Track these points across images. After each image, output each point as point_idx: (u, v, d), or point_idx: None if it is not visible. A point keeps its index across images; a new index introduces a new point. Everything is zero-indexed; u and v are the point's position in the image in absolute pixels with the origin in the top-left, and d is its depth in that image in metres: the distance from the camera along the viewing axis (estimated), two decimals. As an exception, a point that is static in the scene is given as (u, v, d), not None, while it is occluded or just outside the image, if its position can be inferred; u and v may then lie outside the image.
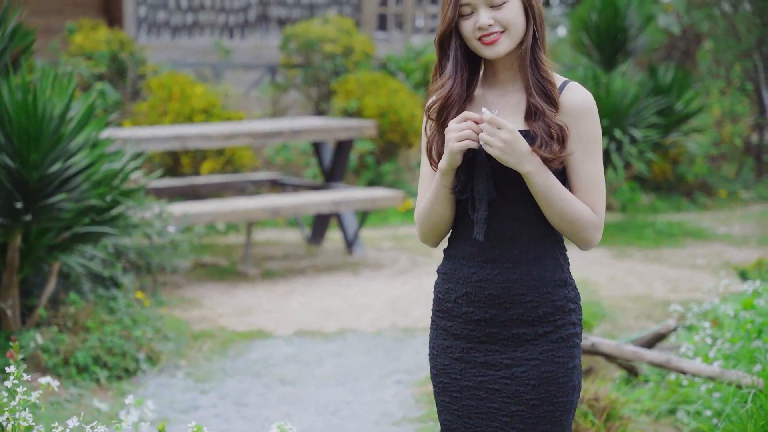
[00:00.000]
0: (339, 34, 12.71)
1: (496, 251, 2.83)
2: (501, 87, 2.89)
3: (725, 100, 13.16)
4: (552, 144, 2.76)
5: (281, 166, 11.96)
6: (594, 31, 10.62)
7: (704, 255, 9.54)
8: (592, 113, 2.82)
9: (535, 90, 2.79)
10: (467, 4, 2.78)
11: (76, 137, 5.73)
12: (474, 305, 2.86)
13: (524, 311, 2.83)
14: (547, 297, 2.83)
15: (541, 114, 2.77)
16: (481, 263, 2.85)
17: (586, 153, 2.81)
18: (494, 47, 2.79)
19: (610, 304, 7.75)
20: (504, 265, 2.83)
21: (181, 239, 7.61)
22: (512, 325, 2.84)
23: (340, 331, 7.10)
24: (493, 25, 2.77)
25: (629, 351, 4.68)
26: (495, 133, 2.71)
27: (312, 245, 9.97)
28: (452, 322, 2.91)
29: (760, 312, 5.19)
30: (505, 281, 2.83)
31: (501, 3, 2.77)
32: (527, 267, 2.82)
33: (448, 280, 2.92)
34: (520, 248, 2.82)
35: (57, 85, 5.69)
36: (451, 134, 2.74)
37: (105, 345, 5.97)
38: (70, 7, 13.58)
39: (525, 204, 2.81)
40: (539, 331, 2.83)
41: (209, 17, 13.91)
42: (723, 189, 12.95)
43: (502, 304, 2.83)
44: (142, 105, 11.09)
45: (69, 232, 6.01)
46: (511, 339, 2.84)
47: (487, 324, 2.85)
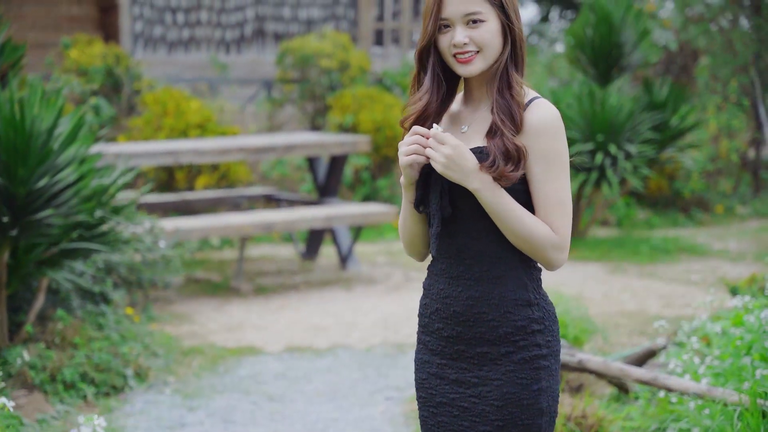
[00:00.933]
0: (335, 50, 12.71)
1: (461, 269, 2.83)
2: (474, 104, 2.89)
3: (722, 116, 13.15)
4: (503, 163, 2.73)
5: (276, 181, 11.95)
6: (589, 46, 10.61)
7: (699, 271, 9.51)
8: (551, 131, 2.77)
9: (500, 110, 2.77)
10: (446, 19, 2.78)
11: (63, 153, 5.70)
12: (443, 321, 2.87)
13: (486, 330, 2.81)
14: (507, 317, 2.80)
15: (500, 133, 2.75)
16: (449, 279, 2.86)
17: (546, 172, 2.77)
18: (468, 66, 2.79)
19: (604, 320, 7.71)
20: (467, 282, 2.82)
21: (173, 255, 7.58)
22: (476, 344, 2.83)
23: (331, 348, 7.07)
24: (468, 44, 2.77)
25: (616, 368, 4.65)
26: (438, 149, 2.71)
27: (306, 261, 9.94)
28: (429, 337, 2.92)
29: (750, 328, 5.15)
30: (468, 299, 2.82)
31: (477, 21, 2.76)
32: (489, 285, 2.81)
33: (426, 296, 2.94)
34: (482, 266, 2.81)
35: (44, 100, 5.67)
36: (401, 149, 2.76)
37: (92, 361, 5.93)
38: (67, 23, 13.60)
39: (485, 222, 2.79)
40: (501, 351, 2.81)
41: (206, 32, 13.91)
42: (720, 205, 12.92)
43: (465, 322, 2.83)
44: (136, 120, 11.08)
45: (57, 247, 5.99)
46: (476, 357, 2.84)
47: (455, 341, 2.86)
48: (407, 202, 2.86)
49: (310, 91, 12.70)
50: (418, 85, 2.88)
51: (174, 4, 13.76)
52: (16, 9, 13.37)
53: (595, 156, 10.21)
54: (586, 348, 6.37)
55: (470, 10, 2.75)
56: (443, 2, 2.76)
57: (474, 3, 2.75)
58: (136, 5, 13.52)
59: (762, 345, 5.02)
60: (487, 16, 2.76)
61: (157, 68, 13.27)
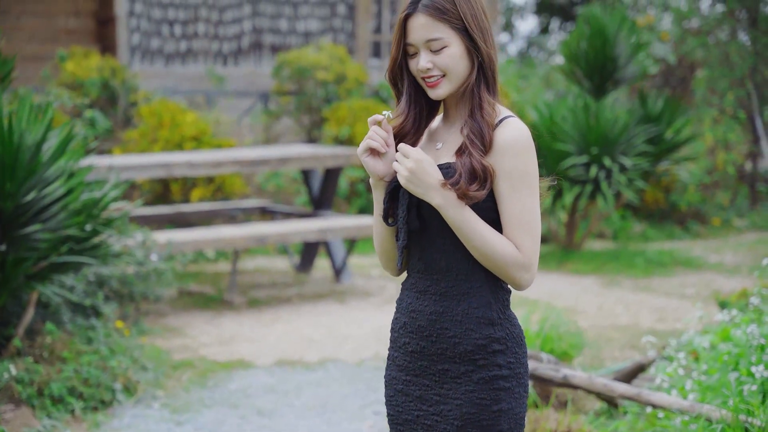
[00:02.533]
0: (332, 62, 12.72)
1: (427, 283, 2.85)
2: (450, 122, 2.92)
3: (718, 129, 13.15)
4: (467, 182, 2.73)
5: (272, 193, 11.95)
6: (583, 59, 10.61)
7: (694, 284, 9.49)
8: (516, 150, 2.76)
9: (470, 130, 2.79)
10: (411, 45, 2.82)
11: (51, 167, 5.70)
12: (409, 336, 2.89)
13: (448, 346, 2.81)
14: (469, 334, 2.79)
15: (468, 152, 2.76)
16: (417, 294, 2.88)
17: (513, 190, 2.76)
18: (435, 90, 2.83)
19: (597, 334, 7.71)
20: (432, 297, 2.84)
21: (165, 267, 7.57)
22: (438, 360, 2.83)
23: (322, 361, 7.05)
24: (432, 69, 2.79)
25: (600, 383, 4.63)
26: (402, 162, 2.74)
27: (300, 273, 9.93)
28: (397, 352, 2.94)
29: (737, 343, 5.14)
30: (432, 313, 2.83)
31: (439, 48, 2.78)
32: (454, 301, 2.81)
33: (397, 310, 2.97)
34: (449, 282, 2.82)
35: (33, 114, 5.67)
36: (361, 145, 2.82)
37: (81, 375, 5.92)
38: (65, 35, 13.62)
39: (454, 238, 2.80)
40: (461, 369, 2.80)
41: (203, 45, 13.93)
42: (717, 217, 12.91)
43: (429, 337, 2.84)
44: (132, 132, 11.09)
45: (46, 261, 5.98)
46: (438, 374, 2.84)
47: (419, 356, 2.87)
48: (376, 215, 2.88)
49: (307, 104, 12.71)
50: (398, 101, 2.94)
51: (171, 16, 13.78)
52: (13, 21, 13.40)
53: (589, 169, 10.20)
54: (577, 362, 6.36)
55: (431, 37, 2.78)
56: (407, 29, 2.80)
57: (435, 29, 2.77)
58: (133, 18, 13.55)
59: (749, 360, 5.01)
60: (450, 41, 2.78)
61: (154, 80, 13.29)
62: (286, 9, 14.35)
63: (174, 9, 13.78)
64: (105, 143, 11.35)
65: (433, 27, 2.76)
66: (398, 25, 2.80)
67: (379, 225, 2.90)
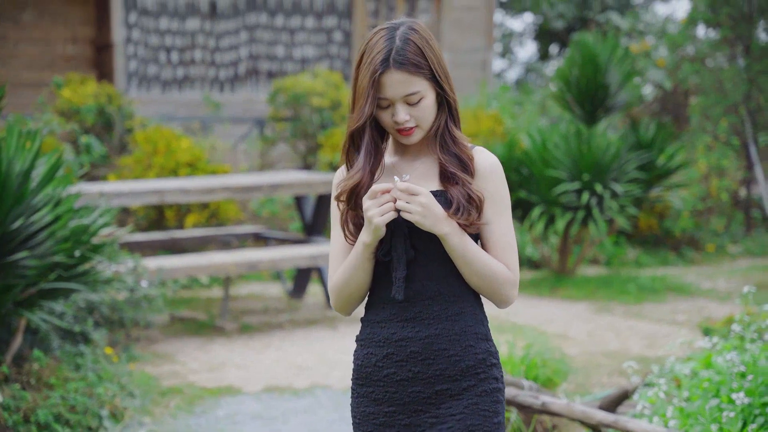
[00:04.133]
0: (327, 88, 12.79)
1: (417, 309, 2.89)
2: (411, 155, 2.98)
3: (712, 155, 13.19)
4: (469, 211, 2.84)
5: (267, 219, 11.99)
6: (575, 87, 10.67)
7: (685, 311, 9.51)
8: (498, 174, 2.92)
9: (450, 164, 2.89)
10: (385, 99, 2.85)
11: (38, 194, 5.75)
12: (396, 365, 2.90)
13: (447, 366, 2.87)
14: (469, 350, 2.88)
15: (462, 182, 2.86)
16: (402, 323, 2.90)
17: (496, 213, 2.90)
18: (410, 137, 2.90)
19: (586, 360, 7.73)
20: (424, 321, 2.88)
21: (155, 294, 7.60)
22: (436, 382, 2.87)
23: (310, 388, 7.07)
24: (408, 120, 2.85)
25: (579, 411, 4.65)
26: (412, 200, 2.78)
27: (293, 299, 9.96)
28: (373, 387, 2.94)
29: (719, 370, 5.16)
30: (427, 337, 2.87)
31: (417, 101, 2.85)
32: (448, 323, 2.88)
33: (366, 346, 2.97)
34: (440, 305, 2.89)
35: (21, 142, 5.72)
36: (372, 211, 2.80)
37: (67, 402, 5.94)
38: (62, 62, 13.72)
39: (443, 263, 2.88)
40: (463, 385, 2.87)
41: (199, 71, 14.02)
42: (711, 243, 12.93)
43: (424, 361, 2.87)
44: (127, 159, 11.14)
45: (35, 288, 6.02)
46: (434, 396, 2.88)
47: (410, 383, 2.89)
48: (363, 256, 2.88)
49: (302, 130, 12.77)
50: (349, 161, 2.94)
51: (168, 43, 13.88)
52: (11, 48, 13.50)
53: (581, 195, 10.24)
54: (562, 389, 6.37)
55: (410, 91, 2.84)
56: (382, 85, 2.82)
57: (412, 84, 2.83)
58: (130, 44, 13.64)
59: (729, 387, 5.03)
60: (425, 92, 2.86)
61: (151, 107, 13.37)
62: (283, 36, 14.44)
63: (171, 36, 13.88)
64: (100, 169, 11.40)
65: (410, 82, 2.82)
66: (370, 82, 2.81)
67: (359, 267, 2.89)
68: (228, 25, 14.14)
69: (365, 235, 2.84)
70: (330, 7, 14.64)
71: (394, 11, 15.01)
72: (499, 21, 25.02)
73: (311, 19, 14.55)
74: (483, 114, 12.81)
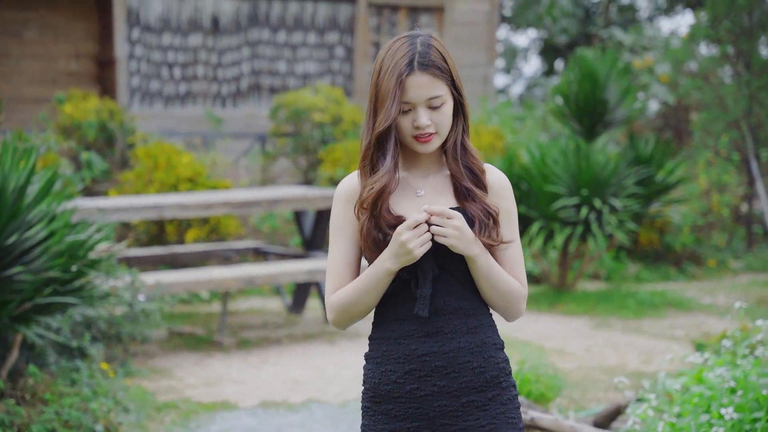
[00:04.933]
0: (328, 104, 12.84)
1: (438, 324, 2.90)
2: (423, 169, 2.99)
3: (713, 170, 13.20)
4: (491, 228, 2.89)
5: (267, 234, 12.01)
6: (573, 102, 10.69)
7: (684, 326, 9.50)
8: (510, 191, 2.99)
9: (467, 178, 2.92)
10: (407, 102, 2.86)
11: (33, 210, 5.78)
12: (419, 381, 2.90)
13: (472, 378, 2.90)
14: (491, 360, 2.93)
15: (478, 198, 2.91)
16: (423, 338, 2.91)
17: (510, 229, 2.96)
18: (427, 145, 2.90)
19: (582, 376, 7.73)
20: (446, 336, 2.90)
21: (152, 309, 7.62)
22: (462, 394, 2.89)
23: (306, 402, 7.08)
24: (430, 125, 2.87)
25: (567, 426, 4.66)
26: (447, 223, 2.81)
27: (293, 314, 9.98)
28: (393, 404, 2.93)
29: (710, 386, 5.16)
30: (450, 351, 2.89)
31: (439, 105, 2.87)
32: (469, 336, 2.91)
33: (383, 363, 2.95)
34: (461, 319, 2.91)
35: (17, 158, 5.75)
36: (413, 242, 2.79)
37: (62, 417, 5.95)
38: (65, 78, 13.79)
39: (462, 279, 2.92)
40: (488, 396, 2.91)
41: (202, 87, 14.07)
42: (712, 259, 12.92)
43: (449, 374, 2.89)
44: (128, 174, 11.19)
45: (30, 303, 6.04)
46: (461, 409, 2.90)
47: (435, 398, 2.90)
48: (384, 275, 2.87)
49: (303, 145, 12.81)
50: (372, 165, 2.92)
51: (171, 59, 13.94)
52: (14, 64, 13.57)
53: (580, 210, 10.25)
54: (555, 404, 6.38)
55: (433, 94, 2.86)
56: (406, 87, 2.84)
57: (436, 87, 2.86)
58: (133, 60, 13.70)
59: (720, 402, 5.03)
60: (446, 98, 2.88)
61: (153, 122, 13.42)
62: (285, 51, 14.50)
63: (174, 52, 13.94)
64: (102, 184, 11.45)
65: (433, 85, 2.85)
66: (396, 83, 2.82)
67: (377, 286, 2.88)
68: (230, 41, 14.19)
69: (390, 263, 2.83)
70: (332, 23, 14.70)
71: (396, 27, 15.06)
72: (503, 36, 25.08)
73: (313, 34, 14.61)
74: (484, 129, 12.84)
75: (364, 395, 3.00)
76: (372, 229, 2.88)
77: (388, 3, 14.93)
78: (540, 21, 21.39)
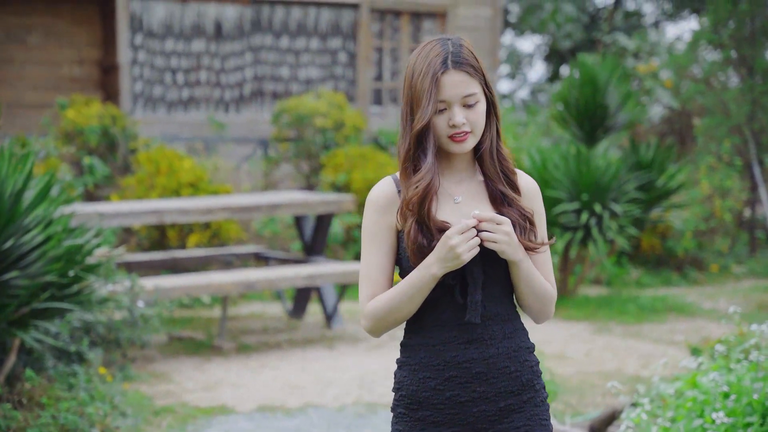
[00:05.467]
0: (330, 109, 12.86)
1: (479, 331, 2.91)
2: (456, 175, 2.97)
3: (715, 176, 13.18)
4: (529, 231, 2.92)
5: (269, 239, 12.03)
6: (574, 107, 10.69)
7: (684, 331, 9.50)
8: (538, 195, 3.03)
9: (502, 179, 2.94)
10: (442, 101, 2.86)
11: (30, 214, 5.80)
12: (459, 387, 2.91)
13: (509, 382, 2.93)
14: (526, 364, 2.96)
15: (514, 201, 2.93)
16: (463, 344, 2.91)
17: (542, 233, 3.00)
18: (463, 145, 2.89)
19: (581, 380, 7.73)
20: (486, 342, 2.92)
21: (151, 313, 7.64)
22: (499, 399, 2.92)
23: (303, 407, 7.09)
24: (465, 123, 2.86)
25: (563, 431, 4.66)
26: (497, 229, 2.82)
27: (293, 319, 9.99)
28: (431, 411, 2.93)
29: (704, 390, 5.16)
30: (490, 357, 2.91)
31: (474, 103, 2.87)
32: (506, 341, 2.93)
33: (420, 370, 2.94)
34: (498, 325, 2.93)
35: (13, 163, 5.77)
36: (462, 247, 2.78)
37: (58, 422, 5.97)
38: (69, 84, 13.82)
39: (501, 285, 2.94)
40: (524, 398, 2.94)
41: (205, 92, 14.10)
42: (715, 264, 12.91)
43: (488, 380, 2.91)
44: (130, 179, 11.22)
45: (28, 307, 6.06)
46: (498, 413, 2.92)
47: (475, 404, 2.91)
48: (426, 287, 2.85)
49: (306, 150, 12.83)
50: (414, 165, 2.90)
51: (174, 64, 13.96)
52: (18, 69, 13.61)
53: (580, 215, 10.25)
54: (551, 409, 6.37)
55: (468, 92, 2.86)
56: (441, 86, 2.84)
57: (470, 85, 2.87)
58: (136, 66, 13.73)
59: (713, 407, 5.03)
60: (479, 96, 2.89)
61: (156, 127, 13.45)
62: (288, 57, 14.52)
63: (177, 57, 13.97)
64: (104, 190, 11.49)
65: (468, 83, 2.85)
66: (431, 81, 2.83)
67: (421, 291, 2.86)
68: (233, 47, 14.22)
69: (436, 267, 2.81)
70: (335, 28, 14.72)
71: (399, 32, 15.08)
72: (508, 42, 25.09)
73: (316, 40, 14.63)
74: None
75: (398, 401, 2.99)
76: (418, 233, 2.86)
77: (391, 8, 14.95)
78: (543, 26, 21.38)
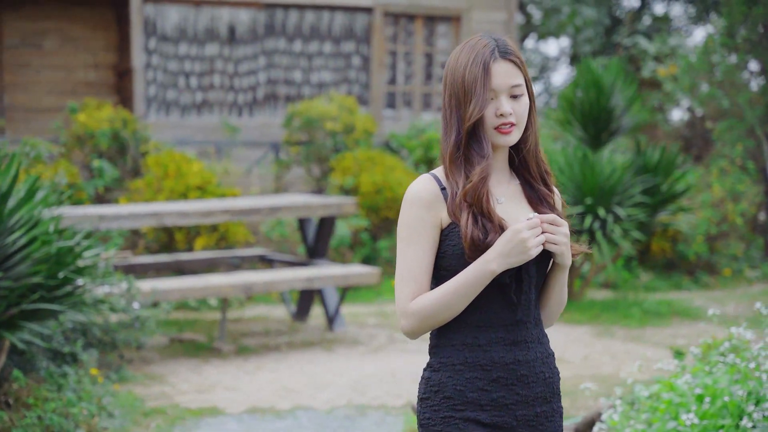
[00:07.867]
0: (341, 112, 12.89)
1: (522, 333, 2.90)
2: (495, 177, 2.93)
3: (727, 179, 13.09)
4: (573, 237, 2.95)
5: (277, 242, 12.07)
6: (579, 110, 10.66)
7: (686, 335, 9.44)
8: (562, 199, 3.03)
9: (541, 181, 2.94)
10: (491, 90, 2.85)
11: (14, 216, 5.85)
12: (505, 389, 2.88)
13: (544, 388, 2.92)
14: (555, 371, 2.97)
15: (552, 204, 2.94)
16: (509, 346, 2.89)
17: None
18: (508, 137, 2.86)
19: (575, 384, 7.69)
20: (527, 345, 2.91)
21: (147, 315, 7.69)
22: (536, 404, 2.91)
23: (293, 409, 7.11)
24: (512, 114, 2.85)
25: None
26: (558, 231, 2.82)
27: (297, 321, 10.02)
28: (478, 412, 2.88)
29: (679, 392, 5.14)
30: (531, 361, 2.91)
31: (519, 95, 2.86)
32: (540, 346, 2.94)
33: (465, 370, 2.89)
34: (536, 329, 2.94)
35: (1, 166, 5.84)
36: (532, 241, 2.77)
37: (43, 422, 6.02)
38: (83, 88, 13.94)
39: (537, 287, 2.95)
40: (554, 407, 2.95)
41: (218, 96, 14.17)
42: (727, 268, 12.81)
43: (529, 384, 2.90)
44: (138, 182, 11.29)
45: (17, 309, 6.11)
46: (534, 418, 2.91)
47: (518, 407, 2.89)
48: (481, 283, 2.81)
49: (316, 153, 12.87)
50: (466, 158, 2.87)
51: (188, 68, 14.05)
52: (33, 74, 13.74)
53: (584, 219, 10.22)
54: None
55: (515, 82, 2.85)
56: (491, 73, 2.84)
57: (517, 75, 2.86)
58: (150, 70, 13.83)
59: (688, 409, 5.01)
60: (524, 89, 2.88)
61: (169, 131, 13.54)
62: (301, 61, 14.57)
63: (190, 61, 14.06)
64: (113, 192, 11.58)
65: (515, 74, 2.85)
66: (482, 70, 2.83)
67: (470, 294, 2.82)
68: (246, 51, 14.29)
69: (497, 263, 2.77)
70: (348, 32, 14.75)
71: (412, 36, 15.09)
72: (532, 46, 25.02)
73: (329, 44, 14.67)
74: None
75: (439, 405, 2.89)
76: (474, 227, 2.81)
77: (405, 12, 14.96)
78: (562, 29, 21.32)
